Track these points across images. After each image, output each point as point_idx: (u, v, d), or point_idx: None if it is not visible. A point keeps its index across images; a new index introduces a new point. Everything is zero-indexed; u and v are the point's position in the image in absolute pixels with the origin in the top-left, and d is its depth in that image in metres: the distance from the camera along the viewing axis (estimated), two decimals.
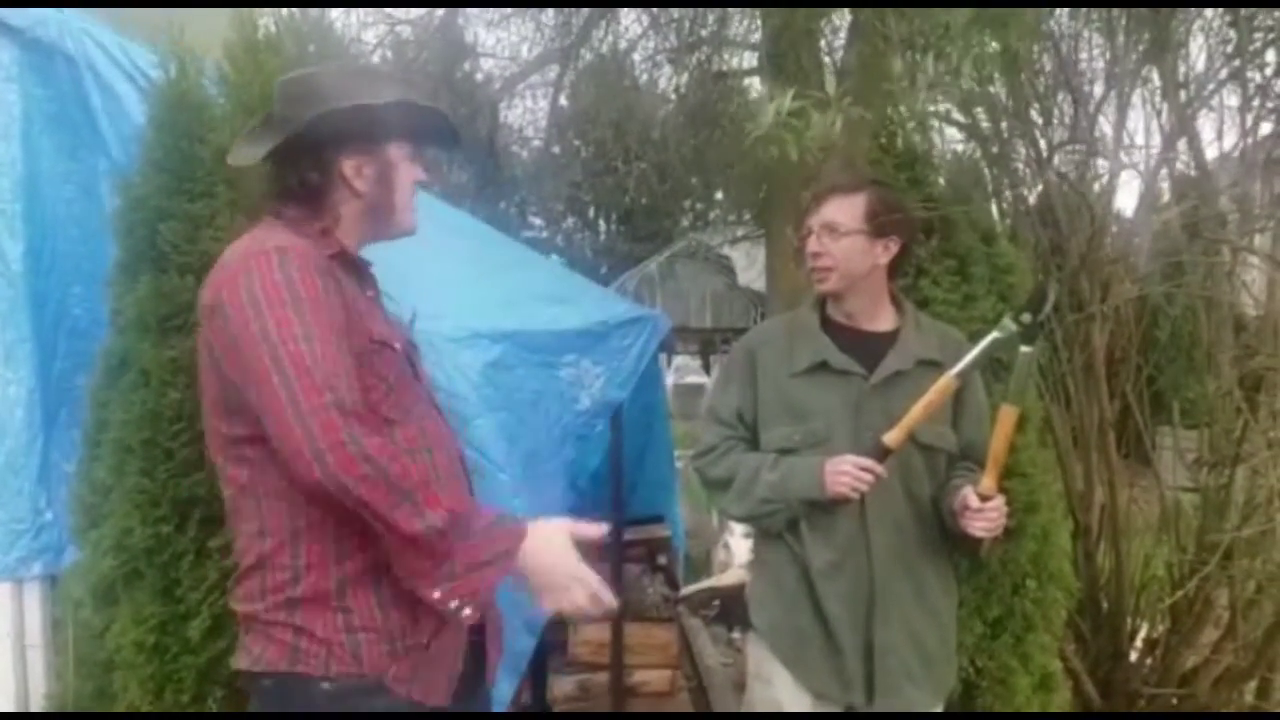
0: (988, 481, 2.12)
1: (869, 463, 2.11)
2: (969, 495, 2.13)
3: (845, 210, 2.23)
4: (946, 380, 2.12)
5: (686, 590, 4.78)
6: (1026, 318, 2.07)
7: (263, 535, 1.65)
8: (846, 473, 2.11)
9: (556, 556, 1.65)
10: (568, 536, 1.67)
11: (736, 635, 4.87)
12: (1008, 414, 2.11)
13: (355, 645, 1.63)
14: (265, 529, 1.65)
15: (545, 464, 3.07)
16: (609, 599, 1.69)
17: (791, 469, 2.22)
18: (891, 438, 2.11)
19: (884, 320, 2.32)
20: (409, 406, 1.74)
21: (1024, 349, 2.08)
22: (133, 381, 2.39)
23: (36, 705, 2.56)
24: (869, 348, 2.27)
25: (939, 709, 2.35)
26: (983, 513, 2.11)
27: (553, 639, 4.01)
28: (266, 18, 2.61)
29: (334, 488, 1.48)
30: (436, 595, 1.58)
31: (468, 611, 1.60)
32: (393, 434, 1.64)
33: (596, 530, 1.73)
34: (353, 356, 1.60)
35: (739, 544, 5.23)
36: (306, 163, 1.76)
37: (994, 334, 2.10)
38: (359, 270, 1.82)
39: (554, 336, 3.26)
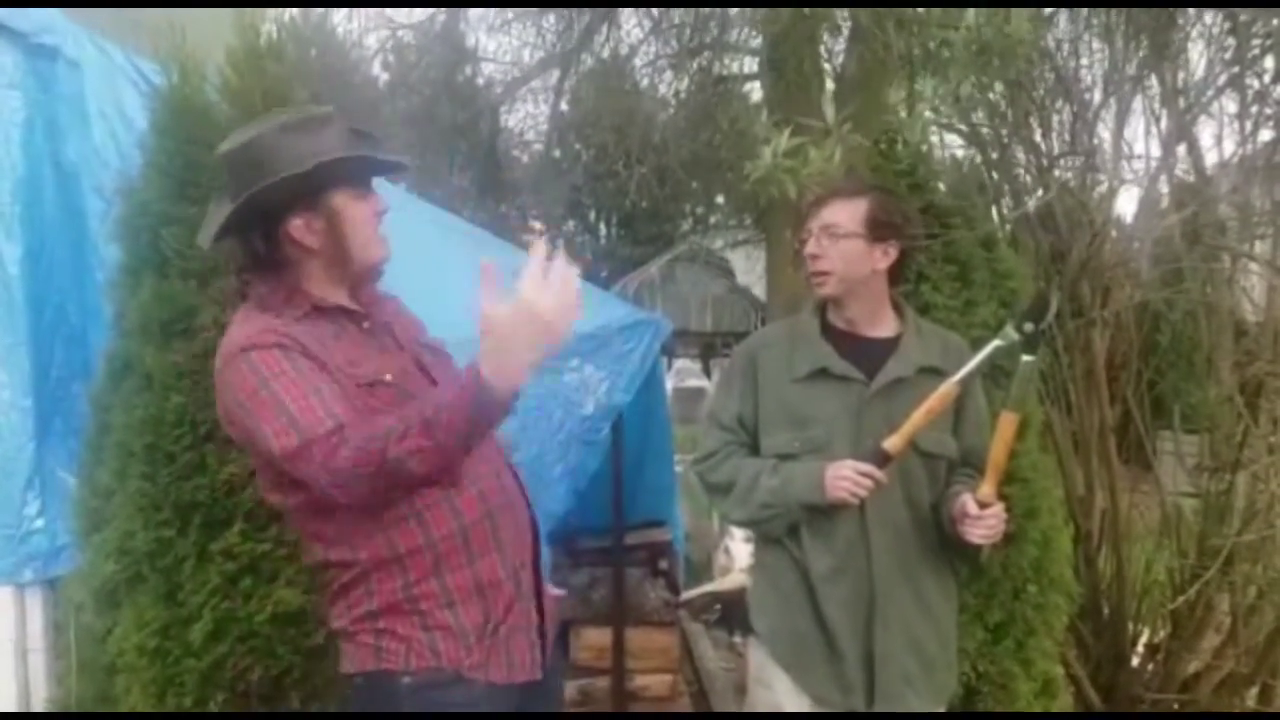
0: (987, 488, 2.12)
1: (868, 468, 2.11)
2: (968, 502, 2.13)
3: (845, 213, 2.23)
4: (948, 387, 2.12)
5: (687, 595, 4.78)
6: (1029, 326, 2.07)
7: (338, 567, 1.80)
8: (846, 477, 2.11)
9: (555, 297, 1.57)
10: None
11: (738, 640, 4.86)
12: (1008, 421, 2.11)
13: (432, 641, 1.77)
14: (333, 560, 1.80)
15: (550, 469, 3.07)
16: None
17: (792, 474, 2.22)
18: (892, 444, 2.11)
19: (885, 326, 2.32)
20: None
21: (1025, 357, 2.08)
22: (135, 385, 2.40)
23: (38, 710, 2.56)
24: (870, 354, 2.27)
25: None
26: (981, 520, 2.12)
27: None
28: (269, 23, 2.62)
29: (343, 485, 1.62)
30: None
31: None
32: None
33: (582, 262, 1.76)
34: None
35: (740, 548, 5.23)
36: (256, 233, 1.80)
37: (996, 342, 2.10)
38: (344, 314, 1.85)
39: None
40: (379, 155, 1.92)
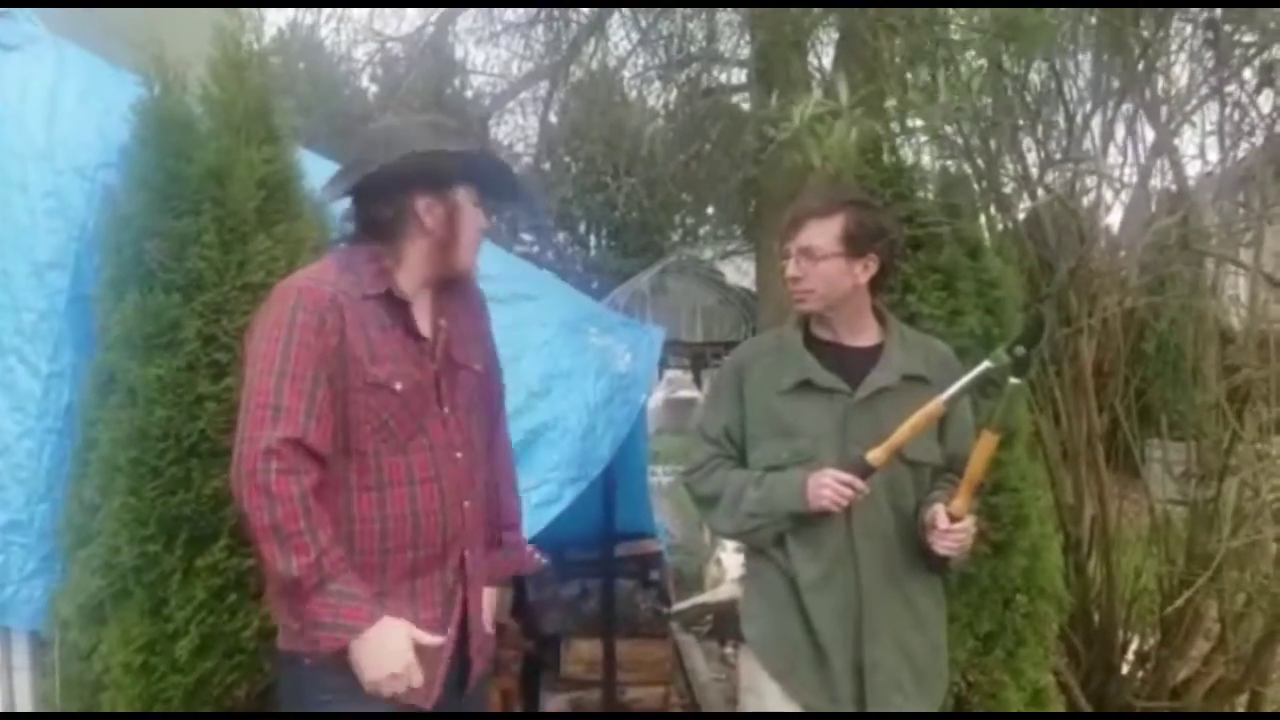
0: (959, 502, 2.13)
1: (849, 477, 2.12)
2: (939, 514, 2.14)
3: (821, 234, 2.23)
4: (935, 405, 2.12)
5: (679, 606, 4.77)
6: (1020, 350, 2.07)
7: None
8: (828, 485, 2.12)
9: (387, 654, 1.83)
10: (408, 641, 1.86)
11: (729, 651, 4.85)
12: (989, 440, 2.12)
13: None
14: None
15: (595, 415, 3.04)
16: (423, 698, 1.91)
17: (775, 483, 2.23)
18: (875, 456, 2.12)
19: (867, 336, 2.32)
20: (403, 441, 1.94)
21: (1014, 380, 2.08)
22: (120, 400, 2.38)
23: None
24: (853, 364, 2.27)
25: None
26: (950, 533, 2.13)
27: (544, 657, 4.00)
28: (249, 35, 2.61)
29: (236, 501, 1.81)
30: (281, 629, 1.93)
31: (308, 661, 1.87)
32: (348, 467, 1.90)
33: (435, 640, 1.92)
34: (343, 393, 1.86)
35: (731, 559, 5.21)
36: (381, 201, 1.97)
37: (986, 363, 2.10)
38: (401, 310, 1.97)
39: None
40: (510, 170, 2.15)
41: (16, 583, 2.48)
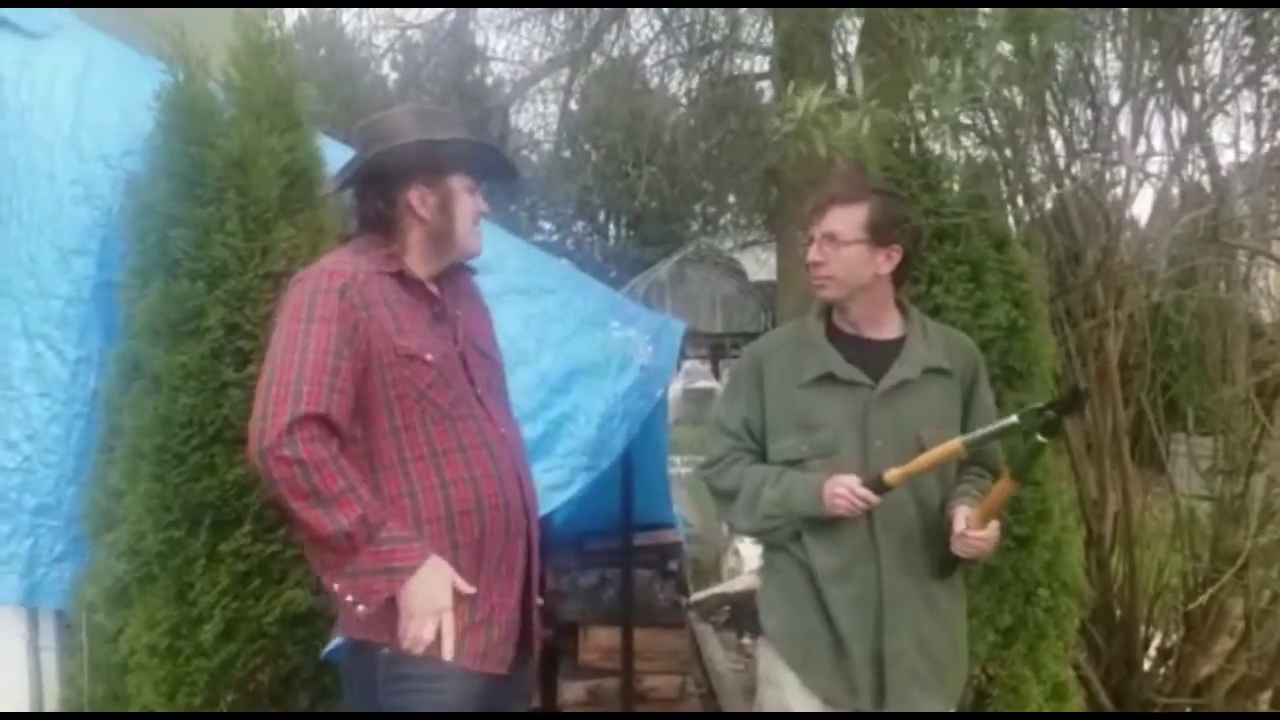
0: (977, 520, 2.13)
1: (865, 491, 2.12)
2: (959, 518, 2.15)
3: (845, 220, 2.22)
4: (954, 445, 2.12)
5: (697, 596, 4.77)
6: (1051, 414, 2.06)
7: None
8: (843, 496, 2.13)
9: (436, 589, 1.87)
10: (450, 579, 1.89)
11: (747, 641, 4.86)
12: (1008, 485, 2.12)
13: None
14: None
15: (612, 408, 3.04)
16: (448, 649, 1.90)
17: (793, 485, 2.22)
18: (892, 476, 2.12)
19: (889, 328, 2.31)
20: (446, 409, 1.96)
21: (1040, 438, 2.07)
22: (144, 387, 2.40)
23: (50, 708, 2.57)
24: (875, 357, 2.26)
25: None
26: (969, 539, 2.13)
27: (563, 645, 4.00)
28: (272, 21, 2.61)
29: (265, 479, 1.79)
30: (337, 587, 1.87)
31: (362, 608, 1.85)
32: (399, 442, 1.92)
33: (469, 589, 1.93)
34: (379, 370, 1.89)
35: (749, 550, 5.22)
36: (376, 194, 2.02)
37: (1013, 418, 2.09)
38: (422, 291, 2.02)
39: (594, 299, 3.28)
40: (502, 153, 2.17)
41: (47, 564, 2.53)
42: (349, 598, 1.85)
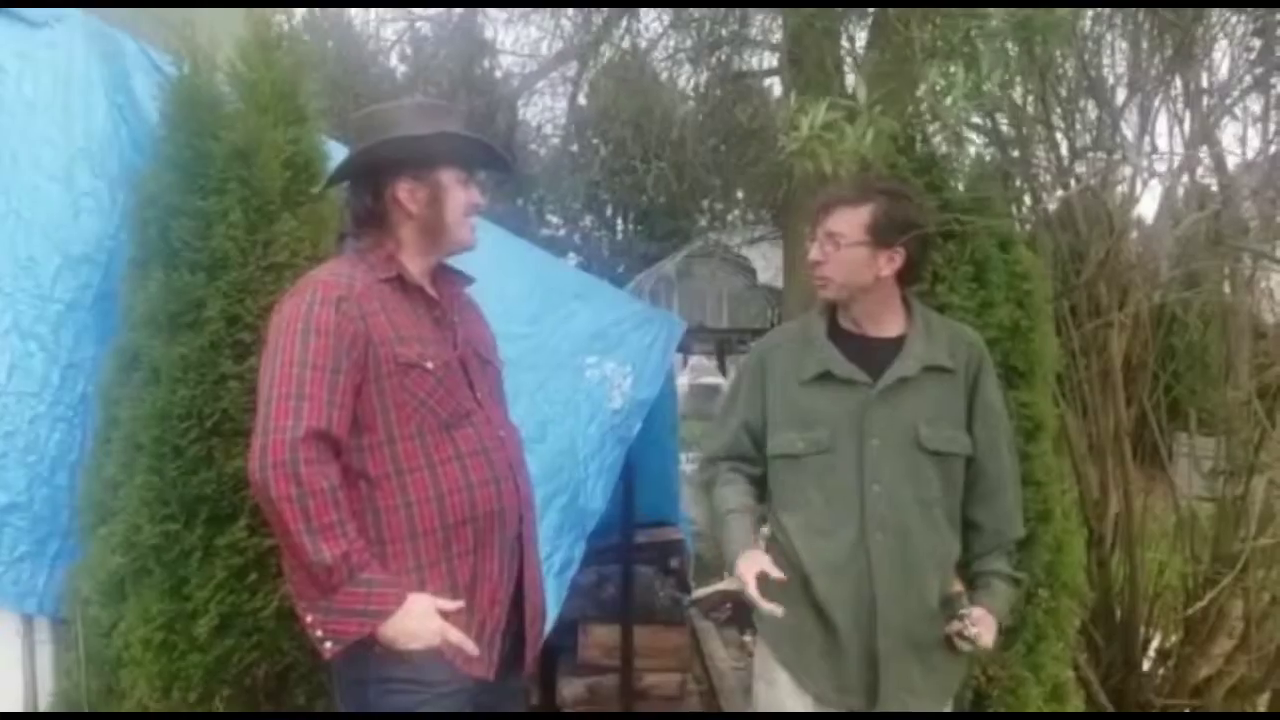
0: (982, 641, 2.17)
1: (756, 596, 2.09)
2: (959, 627, 2.17)
3: (849, 221, 2.21)
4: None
5: (698, 593, 4.77)
6: None
7: None
8: (744, 574, 2.13)
9: (415, 622, 1.85)
10: (431, 607, 1.87)
11: (748, 638, 4.85)
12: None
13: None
14: None
15: (584, 465, 3.08)
16: (470, 649, 1.91)
17: (729, 535, 2.26)
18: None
19: (891, 327, 2.30)
20: (445, 418, 1.95)
21: None
22: (143, 378, 2.39)
23: (45, 702, 2.56)
24: (876, 355, 2.26)
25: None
26: (964, 636, 2.17)
27: (562, 642, 4.01)
28: (281, 15, 2.60)
29: (261, 495, 1.78)
30: (309, 619, 1.86)
31: (329, 645, 1.84)
32: (395, 453, 1.90)
33: (454, 605, 1.91)
34: (376, 380, 1.88)
35: None
36: (366, 189, 2.02)
37: None
38: (421, 295, 2.02)
39: (568, 339, 3.26)
40: (493, 145, 2.14)
41: (5, 563, 2.49)
42: (319, 633, 1.85)
